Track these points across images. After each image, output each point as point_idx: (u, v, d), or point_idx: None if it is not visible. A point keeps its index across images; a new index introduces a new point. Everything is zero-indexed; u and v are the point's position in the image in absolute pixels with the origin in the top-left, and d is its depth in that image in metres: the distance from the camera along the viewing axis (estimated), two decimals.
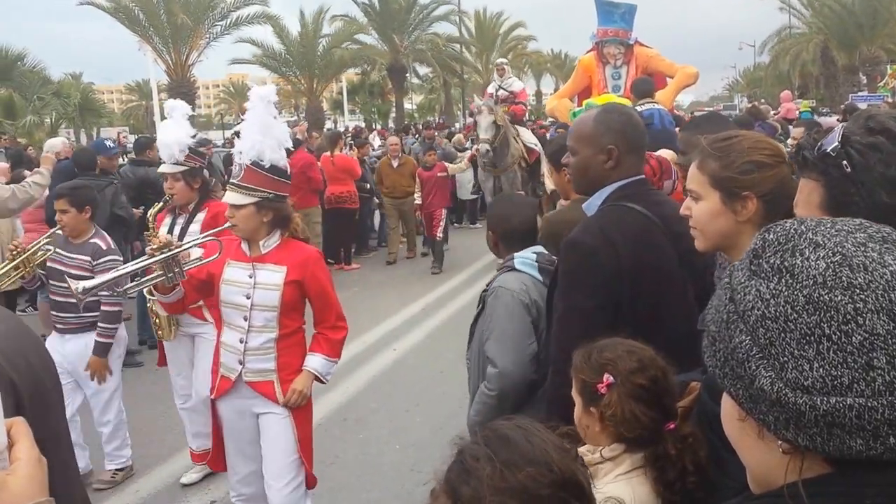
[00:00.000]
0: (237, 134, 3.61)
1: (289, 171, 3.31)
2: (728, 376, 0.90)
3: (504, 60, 12.70)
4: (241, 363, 3.26)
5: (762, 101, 24.64)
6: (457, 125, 28.84)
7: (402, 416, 5.57)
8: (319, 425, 5.42)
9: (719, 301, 0.93)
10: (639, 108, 6.54)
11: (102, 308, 4.37)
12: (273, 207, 3.20)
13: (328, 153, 10.57)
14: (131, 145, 10.91)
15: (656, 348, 1.86)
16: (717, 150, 1.84)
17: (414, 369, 6.57)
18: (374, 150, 15.05)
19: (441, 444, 1.23)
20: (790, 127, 10.07)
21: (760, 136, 1.96)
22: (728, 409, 0.96)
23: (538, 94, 56.16)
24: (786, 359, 0.83)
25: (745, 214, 1.80)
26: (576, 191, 2.67)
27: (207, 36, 26.97)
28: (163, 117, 4.97)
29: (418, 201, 10.58)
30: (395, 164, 11.18)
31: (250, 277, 3.22)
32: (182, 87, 27.16)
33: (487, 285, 2.93)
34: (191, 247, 3.32)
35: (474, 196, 13.60)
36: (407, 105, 42.94)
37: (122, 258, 4.68)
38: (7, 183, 6.68)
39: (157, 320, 4.54)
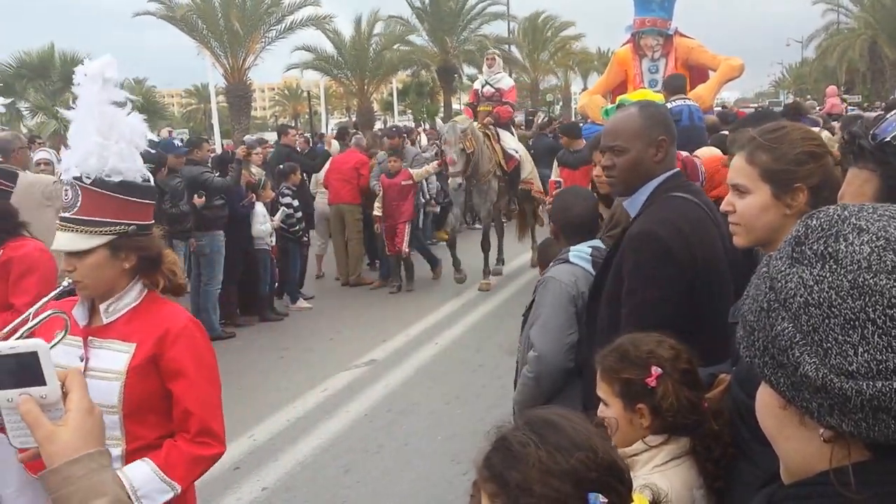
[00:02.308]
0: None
1: (152, 181, 2.15)
2: (768, 365, 0.89)
3: (495, 51, 10.77)
4: None
5: (808, 97, 23.96)
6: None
7: (444, 408, 5.64)
8: (364, 416, 5.56)
9: (757, 290, 0.91)
10: (669, 105, 6.46)
11: None
12: (135, 246, 2.08)
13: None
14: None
15: (707, 339, 1.85)
16: (770, 140, 1.79)
17: (455, 363, 6.63)
18: (420, 148, 15.05)
19: (481, 436, 1.24)
20: (833, 123, 9.79)
21: (806, 126, 1.94)
22: (767, 399, 0.94)
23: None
24: (829, 345, 0.81)
25: (796, 207, 1.76)
26: (619, 194, 2.57)
27: (263, 40, 27.41)
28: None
29: (378, 212, 9.26)
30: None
31: (81, 361, 2.05)
32: (238, 91, 27.71)
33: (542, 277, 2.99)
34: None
35: None
36: (455, 105, 42.96)
37: None
38: None
39: None
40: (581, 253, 2.86)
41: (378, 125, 34.48)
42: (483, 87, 10.15)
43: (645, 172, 2.34)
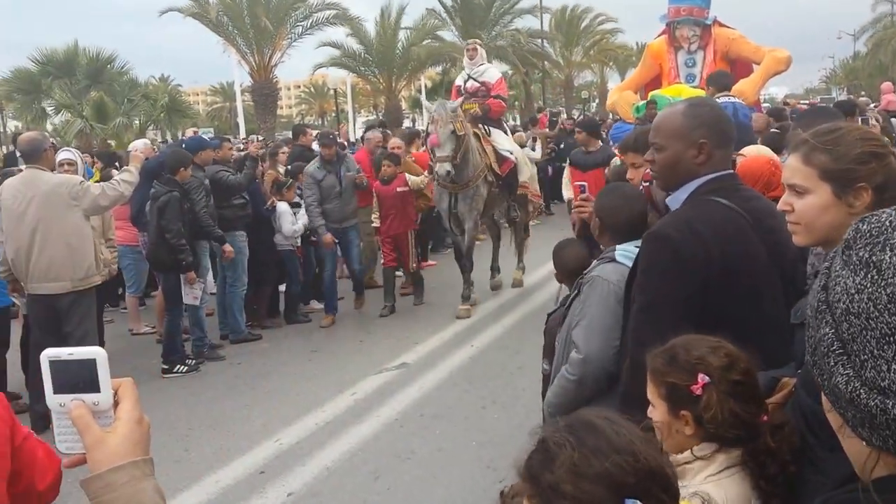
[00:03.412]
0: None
1: None
2: (816, 365, 0.89)
3: (476, 40, 9.74)
4: None
5: (862, 93, 23.46)
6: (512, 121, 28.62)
7: (479, 412, 5.56)
8: (395, 420, 5.50)
9: (816, 286, 0.91)
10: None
11: None
12: None
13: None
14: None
15: (745, 346, 1.80)
16: (826, 142, 1.80)
17: (491, 365, 6.55)
18: None
19: (519, 442, 1.24)
20: (893, 119, 9.49)
21: (863, 126, 1.94)
22: (823, 397, 0.94)
23: None
24: (865, 357, 0.81)
25: (860, 206, 1.76)
26: (661, 188, 2.65)
27: (289, 37, 27.66)
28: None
29: (375, 223, 8.74)
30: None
31: None
32: (265, 89, 27.99)
33: (584, 273, 2.96)
34: None
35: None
36: None
37: None
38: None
39: None
40: (628, 252, 2.81)
41: (406, 123, 34.60)
42: (466, 81, 9.06)
43: (685, 172, 2.37)
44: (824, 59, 75.58)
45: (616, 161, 6.39)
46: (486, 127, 8.69)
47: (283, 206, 8.10)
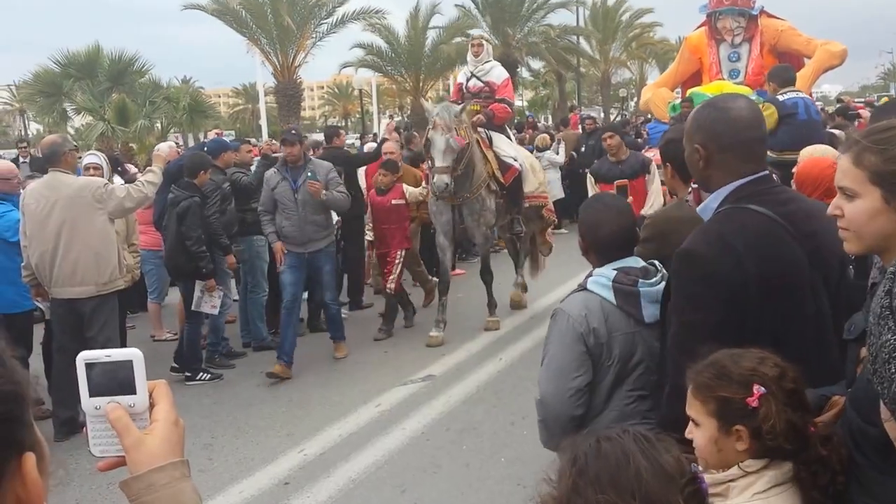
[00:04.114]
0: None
1: None
2: (877, 373, 0.89)
3: (482, 34, 9.15)
4: None
5: None
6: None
7: (508, 428, 5.62)
8: (421, 434, 5.58)
9: (880, 291, 0.91)
10: (780, 98, 6.24)
11: None
12: None
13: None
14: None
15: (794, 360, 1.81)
16: (877, 142, 1.74)
17: (521, 380, 6.58)
18: None
19: (549, 459, 1.27)
20: None
21: None
22: (882, 406, 0.93)
23: None
24: None
25: None
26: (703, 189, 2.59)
27: (314, 36, 27.91)
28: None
29: (369, 237, 8.37)
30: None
31: None
32: (289, 90, 28.25)
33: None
34: None
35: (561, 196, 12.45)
36: (517, 102, 42.83)
37: None
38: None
39: None
40: (601, 279, 2.67)
41: None
42: (468, 80, 8.50)
43: (697, 175, 2.38)
44: (881, 54, 73.80)
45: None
46: (486, 132, 8.21)
47: None
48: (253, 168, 8.44)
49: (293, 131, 7.75)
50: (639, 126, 17.89)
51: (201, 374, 7.05)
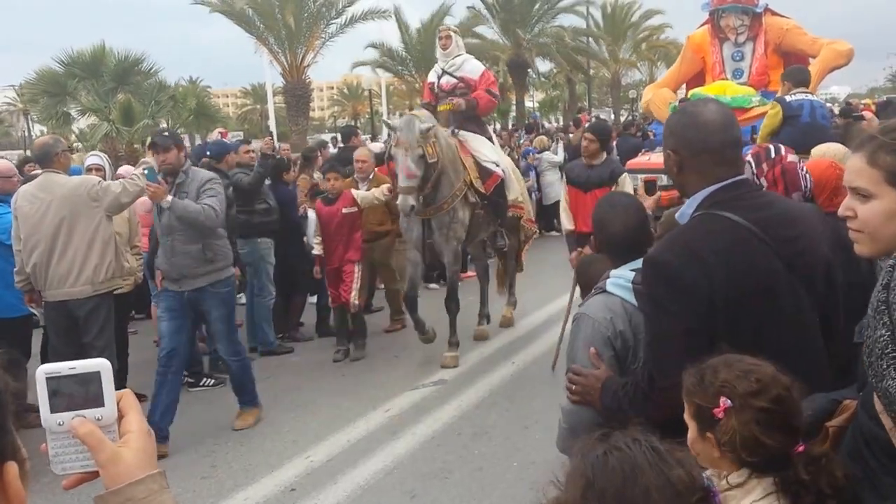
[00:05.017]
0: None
1: None
2: (871, 366, 0.90)
3: (450, 26, 8.04)
4: None
5: None
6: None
7: (521, 432, 5.54)
8: (432, 439, 5.51)
9: (878, 284, 0.92)
10: (788, 98, 6.22)
11: None
12: None
13: None
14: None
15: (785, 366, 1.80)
16: (894, 140, 1.69)
17: (534, 383, 6.52)
18: None
19: (563, 464, 1.28)
20: None
21: None
22: (875, 397, 0.94)
23: None
24: None
25: None
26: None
27: (323, 36, 27.98)
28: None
29: (317, 250, 7.54)
30: (362, 188, 7.78)
31: None
32: (297, 90, 28.34)
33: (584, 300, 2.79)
34: None
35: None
36: (528, 103, 42.89)
37: None
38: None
39: None
40: (620, 280, 2.61)
41: None
42: (440, 77, 7.72)
43: (673, 181, 2.41)
44: (889, 56, 73.68)
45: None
46: (464, 137, 7.45)
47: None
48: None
49: (165, 133, 6.38)
50: (645, 127, 17.91)
51: (205, 379, 6.97)
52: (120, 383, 5.72)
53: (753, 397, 1.73)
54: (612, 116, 38.68)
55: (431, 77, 7.91)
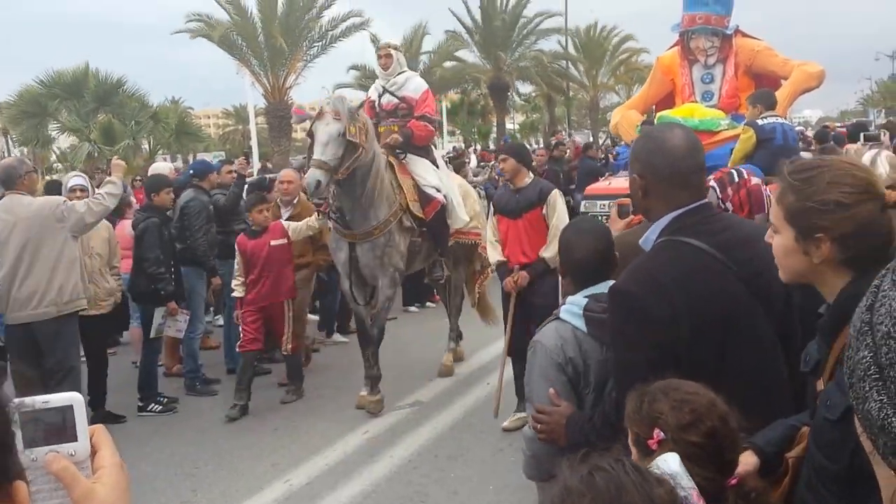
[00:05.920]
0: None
1: None
2: (853, 388, 0.87)
3: (389, 43, 7.32)
4: None
5: None
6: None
7: (496, 455, 5.61)
8: (408, 462, 5.55)
9: (861, 305, 0.88)
10: (760, 122, 6.29)
11: None
12: None
13: None
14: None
15: (724, 397, 1.80)
16: (797, 181, 1.75)
17: (509, 405, 6.54)
18: (472, 170, 15.02)
19: (540, 487, 1.29)
20: None
21: (849, 165, 1.79)
22: (856, 420, 0.93)
23: None
24: None
25: (819, 256, 1.71)
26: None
27: (305, 58, 28.01)
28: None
29: (238, 293, 6.78)
30: (284, 214, 7.25)
31: None
32: (279, 111, 28.29)
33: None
34: None
35: None
36: (509, 125, 43.10)
37: None
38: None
39: None
40: (573, 307, 2.68)
41: None
42: (381, 96, 7.14)
43: (638, 206, 2.42)
44: (860, 80, 74.59)
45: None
46: (406, 159, 6.94)
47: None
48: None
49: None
50: (608, 148, 17.92)
51: (153, 405, 6.82)
52: (99, 404, 5.77)
53: (685, 431, 1.73)
54: (591, 138, 38.94)
55: (371, 94, 7.27)
